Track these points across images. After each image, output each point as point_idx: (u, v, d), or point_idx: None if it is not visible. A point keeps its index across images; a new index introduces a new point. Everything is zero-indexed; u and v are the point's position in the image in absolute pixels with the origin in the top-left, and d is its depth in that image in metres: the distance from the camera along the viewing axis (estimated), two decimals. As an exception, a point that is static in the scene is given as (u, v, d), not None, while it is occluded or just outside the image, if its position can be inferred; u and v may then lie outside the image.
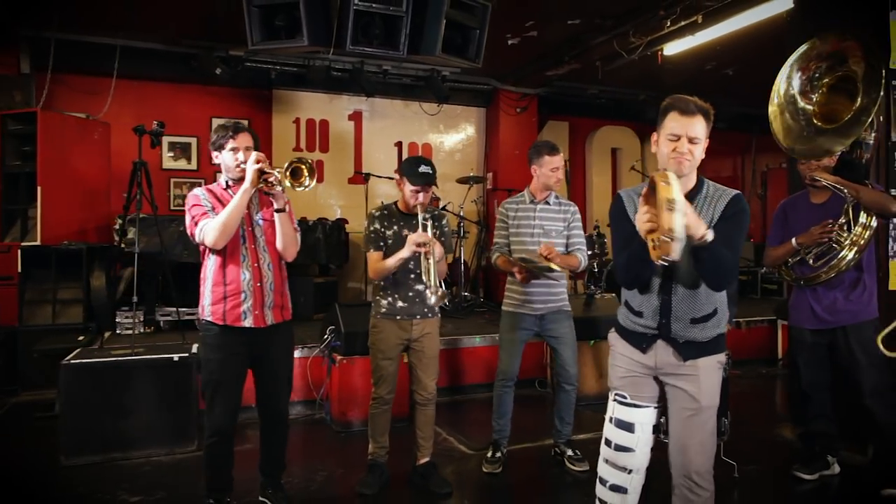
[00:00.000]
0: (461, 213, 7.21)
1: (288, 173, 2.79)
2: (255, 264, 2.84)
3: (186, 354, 3.96)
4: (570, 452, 3.74)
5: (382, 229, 3.29)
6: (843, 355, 3.34)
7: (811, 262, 3.33)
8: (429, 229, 3.11)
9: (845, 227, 3.22)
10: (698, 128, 2.18)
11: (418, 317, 3.31)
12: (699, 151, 2.21)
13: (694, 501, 2.25)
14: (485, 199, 8.30)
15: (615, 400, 2.39)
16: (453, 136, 8.39)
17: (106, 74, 6.26)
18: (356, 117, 7.78)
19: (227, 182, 2.91)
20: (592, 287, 6.34)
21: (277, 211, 2.84)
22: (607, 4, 5.62)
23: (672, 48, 6.18)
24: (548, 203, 3.70)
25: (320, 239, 6.56)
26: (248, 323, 2.82)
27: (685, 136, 2.17)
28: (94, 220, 6.01)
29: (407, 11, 4.53)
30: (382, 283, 3.33)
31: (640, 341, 2.34)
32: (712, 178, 2.38)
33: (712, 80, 7.69)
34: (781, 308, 6.02)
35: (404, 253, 3.10)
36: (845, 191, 3.20)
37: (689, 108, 2.17)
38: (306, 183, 2.82)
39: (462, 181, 7.39)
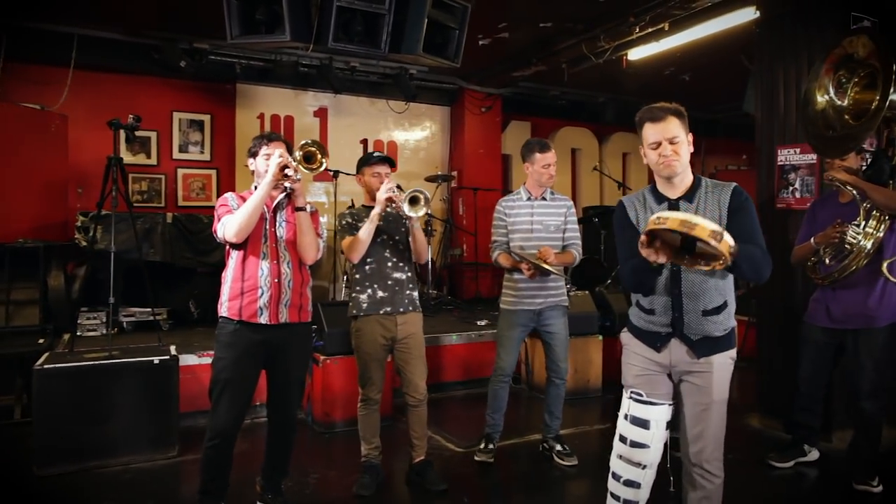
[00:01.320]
0: (428, 212, 7.21)
1: (302, 160, 2.93)
2: (275, 261, 2.85)
3: (167, 357, 3.85)
4: (558, 447, 3.82)
5: (355, 221, 3.30)
6: (849, 357, 3.45)
7: (827, 261, 3.41)
8: (396, 189, 3.12)
9: (857, 226, 3.26)
10: (673, 128, 2.28)
11: (401, 310, 3.30)
12: (684, 149, 2.30)
13: (707, 488, 2.37)
14: (450, 197, 8.34)
15: (631, 398, 2.47)
16: (418, 134, 8.39)
17: (62, 65, 5.98)
18: (321, 114, 7.68)
19: (255, 187, 2.91)
20: (568, 285, 6.46)
21: (297, 209, 2.87)
22: (580, 9, 5.74)
23: (636, 53, 6.37)
24: (544, 199, 3.77)
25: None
26: (263, 319, 2.81)
27: (663, 139, 2.28)
28: (52, 216, 5.72)
29: (389, 10, 4.50)
30: (358, 275, 3.31)
31: (655, 340, 2.42)
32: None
33: (669, 85, 7.94)
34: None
35: (377, 209, 3.11)
36: (854, 190, 3.28)
37: (657, 114, 2.29)
38: (323, 162, 3.03)
39: (430, 179, 7.40)
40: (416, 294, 3.42)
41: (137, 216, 4.75)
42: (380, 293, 3.30)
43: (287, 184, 2.82)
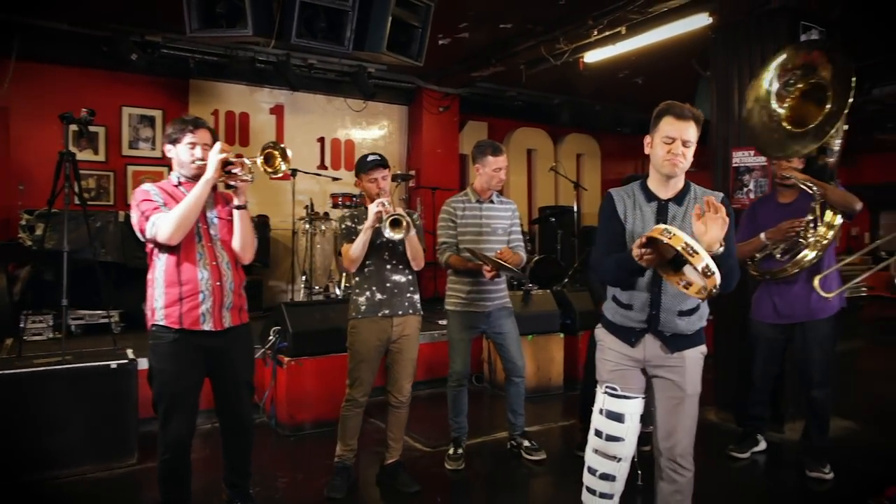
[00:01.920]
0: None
1: (262, 161, 2.69)
2: (214, 262, 2.68)
3: (125, 361, 3.70)
4: (526, 443, 3.86)
5: (354, 225, 3.26)
6: (797, 349, 3.61)
7: (778, 256, 3.54)
8: (386, 204, 3.07)
9: (812, 225, 3.42)
10: (691, 132, 2.33)
11: (400, 312, 3.28)
12: (690, 155, 2.36)
13: (680, 482, 2.43)
14: (408, 197, 8.32)
15: (606, 392, 2.51)
16: (376, 133, 8.35)
17: (3, 55, 5.69)
18: (278, 111, 7.55)
19: (178, 179, 2.72)
20: (527, 283, 6.53)
21: (238, 207, 2.72)
22: (541, 11, 5.81)
23: (593, 56, 6.50)
24: (492, 202, 3.79)
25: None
26: (207, 326, 2.65)
27: (679, 138, 2.31)
28: (-8, 214, 5.46)
29: (353, 7, 4.46)
30: (358, 278, 3.29)
31: (629, 336, 2.47)
32: (615, 178, 2.56)
33: (622, 88, 8.15)
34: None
35: (368, 222, 3.07)
36: (814, 188, 3.41)
37: (684, 113, 2.32)
38: (281, 167, 2.72)
39: (392, 178, 7.35)
40: (417, 297, 3.38)
41: (88, 214, 4.57)
42: (378, 295, 3.26)
43: (233, 182, 2.64)
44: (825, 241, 3.42)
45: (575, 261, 7.63)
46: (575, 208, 8.18)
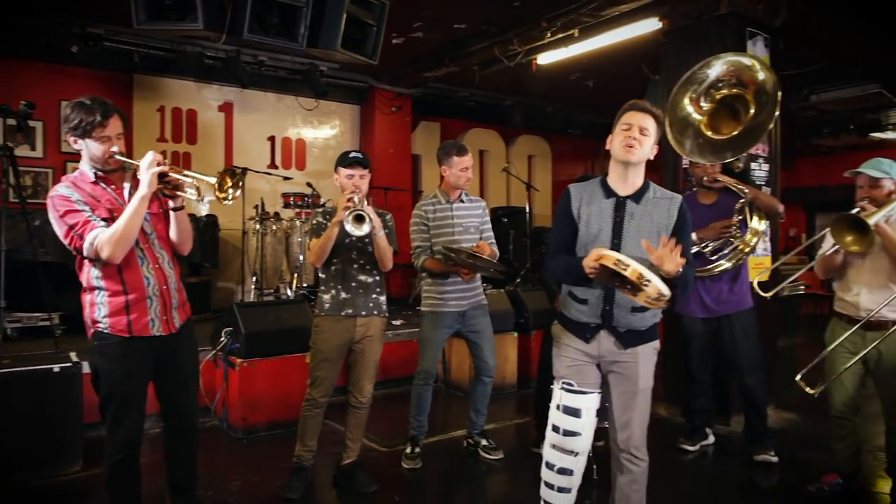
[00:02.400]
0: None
1: (216, 187, 2.52)
2: (157, 265, 2.56)
3: (68, 364, 3.55)
4: (484, 442, 3.88)
5: (325, 221, 3.22)
6: (726, 341, 3.78)
7: (708, 255, 3.70)
8: (356, 199, 3.03)
9: (740, 225, 3.63)
10: (649, 123, 2.41)
11: (363, 313, 3.24)
12: (648, 144, 2.41)
13: (635, 471, 2.51)
14: (360, 197, 8.24)
15: (562, 388, 2.54)
16: (327, 133, 8.24)
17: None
18: (227, 108, 7.37)
19: (94, 173, 2.50)
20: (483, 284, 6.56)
21: (175, 209, 2.60)
22: (495, 12, 5.85)
23: (546, 58, 6.60)
24: (461, 201, 3.80)
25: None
26: (156, 331, 2.55)
27: (637, 125, 2.39)
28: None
29: (307, 3, 4.41)
30: (324, 275, 3.25)
31: (584, 332, 2.51)
32: (566, 179, 2.63)
33: (573, 90, 8.28)
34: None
35: (337, 217, 3.02)
36: (745, 191, 3.59)
37: (643, 106, 2.43)
38: (229, 195, 2.53)
39: (343, 178, 7.28)
40: (382, 298, 3.35)
41: (27, 212, 4.36)
42: (343, 294, 3.22)
43: (171, 194, 2.49)
44: (754, 241, 3.61)
45: (527, 261, 7.72)
46: (527, 209, 8.26)
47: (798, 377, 3.00)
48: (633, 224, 2.42)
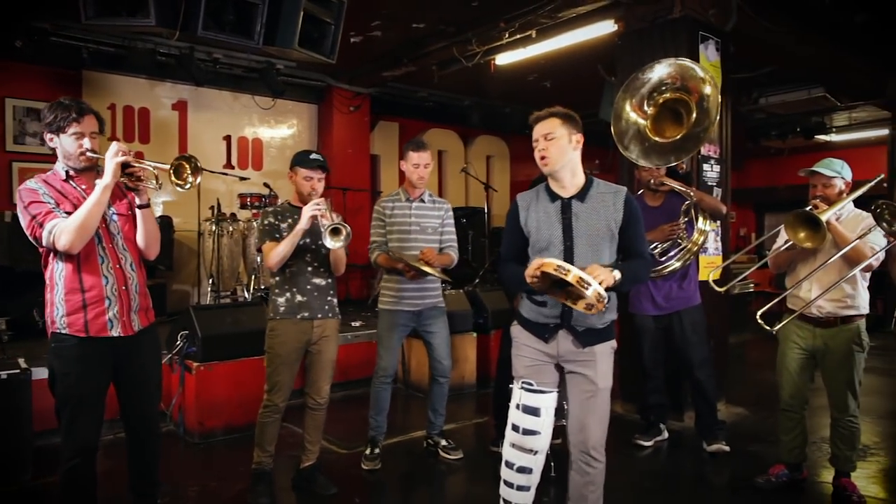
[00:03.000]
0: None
1: (171, 171, 2.57)
2: (118, 265, 2.53)
3: (16, 371, 3.44)
4: (443, 442, 3.89)
5: (277, 222, 3.17)
6: (677, 336, 3.89)
7: (658, 256, 3.79)
8: (323, 207, 3.01)
9: (686, 226, 3.73)
10: (550, 126, 2.48)
11: (319, 316, 3.21)
12: (558, 145, 2.46)
13: (592, 473, 2.52)
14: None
15: (522, 388, 2.57)
16: (284, 132, 8.14)
17: None
18: (181, 107, 7.20)
19: (66, 172, 2.52)
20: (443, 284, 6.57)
21: (140, 207, 2.59)
22: (453, 12, 5.86)
23: (504, 58, 6.64)
24: (423, 201, 3.80)
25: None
26: (115, 332, 2.51)
27: (540, 136, 2.48)
28: None
29: (264, 0, 4.34)
30: (278, 278, 3.20)
31: (543, 332, 2.54)
32: (524, 180, 2.69)
33: (531, 91, 8.35)
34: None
35: (301, 224, 3.00)
36: (691, 193, 3.70)
37: (539, 116, 2.53)
38: (189, 181, 2.58)
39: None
40: (335, 301, 3.33)
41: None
42: (298, 297, 3.18)
43: (134, 186, 2.51)
44: (700, 242, 3.72)
45: (486, 261, 7.77)
46: (485, 209, 8.31)
47: (758, 315, 3.05)
48: (581, 224, 2.47)
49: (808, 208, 3.09)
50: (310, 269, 3.21)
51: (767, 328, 3.05)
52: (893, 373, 6.58)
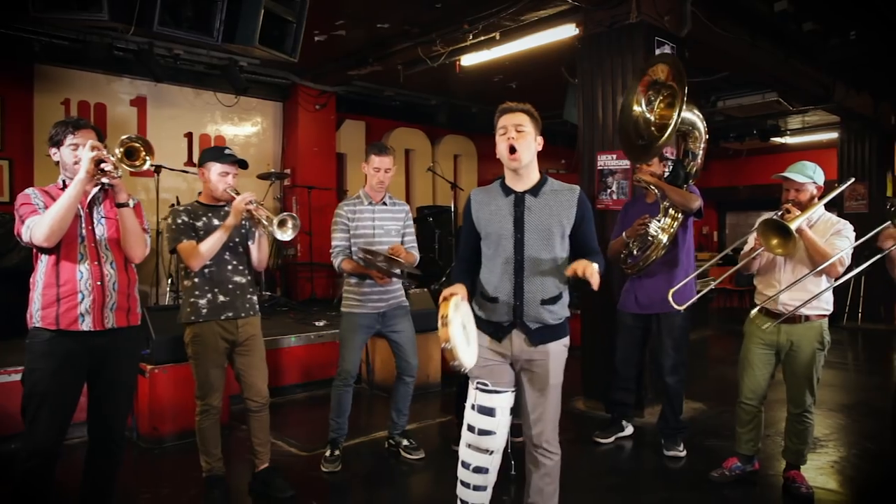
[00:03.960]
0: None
1: (123, 157, 2.58)
2: (96, 262, 2.55)
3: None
4: (405, 443, 3.88)
5: (191, 220, 3.09)
6: (654, 338, 3.92)
7: (635, 252, 3.83)
8: (254, 202, 2.99)
9: (659, 222, 3.73)
10: (520, 118, 2.48)
11: (243, 315, 3.17)
12: (528, 140, 2.47)
13: (548, 465, 2.57)
14: (283, 196, 8.09)
15: (477, 388, 2.58)
16: (248, 130, 8.04)
17: None
18: (139, 103, 7.05)
19: (63, 181, 2.59)
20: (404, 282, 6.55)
21: (119, 205, 2.59)
22: (417, 12, 5.85)
23: (469, 59, 6.66)
24: (384, 204, 3.79)
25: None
26: (85, 325, 2.51)
27: (510, 125, 2.47)
28: None
29: (222, -4, 4.28)
30: (196, 280, 3.11)
31: (497, 331, 2.55)
32: (491, 179, 2.71)
33: (497, 92, 8.28)
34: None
35: (231, 219, 2.95)
36: (655, 188, 3.73)
37: (511, 108, 2.52)
38: (146, 161, 2.64)
39: (262, 177, 7.11)
40: (255, 298, 3.30)
41: None
42: (221, 297, 3.12)
43: (105, 180, 2.53)
44: (664, 238, 3.73)
45: (452, 260, 7.77)
46: (452, 208, 8.32)
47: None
48: (533, 217, 2.49)
49: (780, 212, 3.13)
50: (230, 267, 3.16)
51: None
52: (846, 366, 6.81)
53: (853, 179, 3.61)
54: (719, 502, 3.31)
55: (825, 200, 3.20)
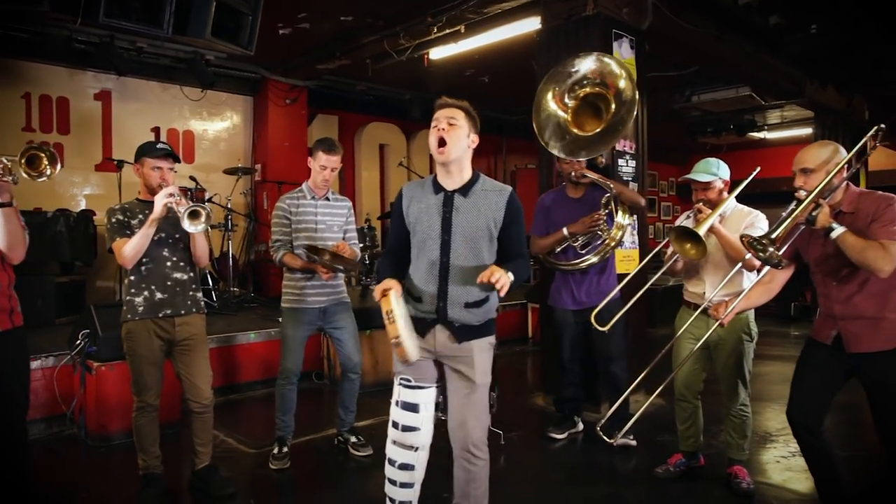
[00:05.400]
0: (229, 206, 6.88)
1: (23, 162, 2.52)
2: None
3: None
4: (353, 439, 3.85)
5: (126, 219, 3.03)
6: (596, 330, 3.88)
7: (578, 248, 3.81)
8: (176, 195, 2.92)
9: (607, 219, 3.73)
10: (454, 112, 2.46)
11: (182, 312, 3.11)
12: (458, 134, 2.43)
13: (473, 471, 2.50)
14: (253, 190, 8.02)
15: (400, 384, 2.54)
16: (218, 125, 7.95)
17: None
18: (104, 97, 6.96)
19: None
20: (365, 278, 6.52)
21: (1, 205, 2.49)
22: (378, 5, 5.80)
23: (437, 53, 6.60)
24: (327, 199, 3.74)
25: (62, 233, 5.80)
26: None
27: (443, 118, 2.45)
28: None
29: (172, -13, 4.22)
30: (133, 277, 3.06)
31: (420, 327, 2.51)
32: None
33: (470, 86, 8.33)
34: (532, 293, 6.80)
35: (155, 213, 2.88)
36: (611, 185, 3.71)
37: (448, 103, 2.50)
38: (46, 172, 2.59)
39: (230, 172, 7.04)
40: (199, 295, 3.24)
41: None
42: (158, 295, 3.06)
43: None
44: (619, 235, 3.75)
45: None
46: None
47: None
48: (461, 218, 2.45)
49: (693, 211, 3.21)
50: (169, 263, 3.10)
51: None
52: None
53: (759, 169, 3.56)
54: (660, 498, 3.30)
55: (735, 194, 3.24)
